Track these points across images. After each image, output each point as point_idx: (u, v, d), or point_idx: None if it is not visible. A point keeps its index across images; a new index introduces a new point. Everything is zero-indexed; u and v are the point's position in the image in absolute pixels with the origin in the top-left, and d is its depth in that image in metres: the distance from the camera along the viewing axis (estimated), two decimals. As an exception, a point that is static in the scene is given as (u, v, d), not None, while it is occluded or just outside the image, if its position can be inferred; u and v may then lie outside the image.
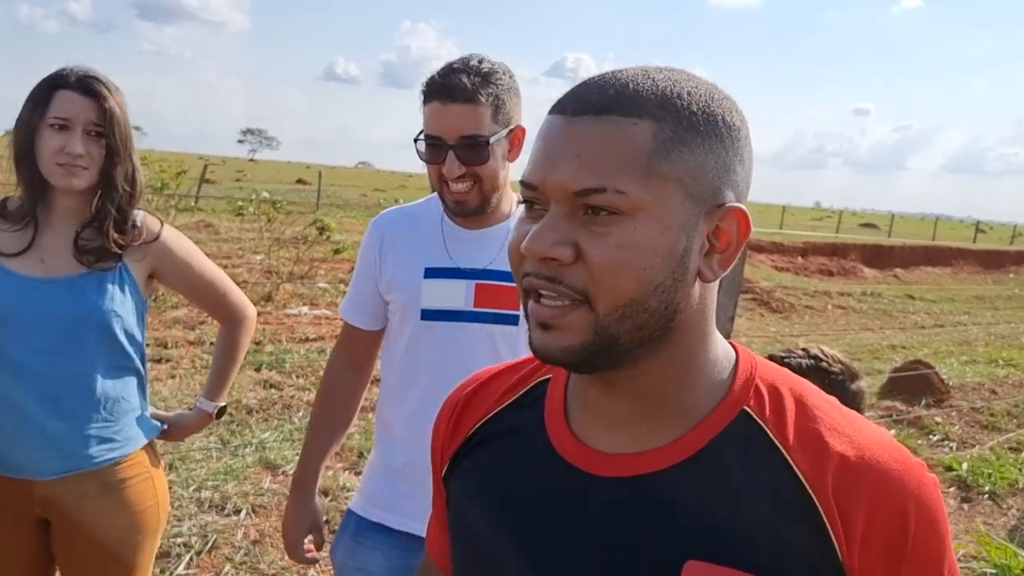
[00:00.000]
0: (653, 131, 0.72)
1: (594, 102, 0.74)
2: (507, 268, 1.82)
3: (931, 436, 6.24)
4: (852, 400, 1.74)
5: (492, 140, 1.62)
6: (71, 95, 1.70)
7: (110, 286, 1.77)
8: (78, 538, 1.81)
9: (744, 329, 10.23)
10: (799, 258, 20.27)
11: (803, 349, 1.84)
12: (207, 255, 2.04)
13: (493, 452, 0.90)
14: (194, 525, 3.65)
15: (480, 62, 1.63)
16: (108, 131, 1.73)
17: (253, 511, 3.89)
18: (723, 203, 0.76)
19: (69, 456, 1.76)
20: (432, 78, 1.63)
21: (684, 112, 0.74)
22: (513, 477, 0.86)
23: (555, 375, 0.91)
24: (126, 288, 1.81)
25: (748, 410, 0.79)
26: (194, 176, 21.90)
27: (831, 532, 0.73)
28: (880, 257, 22.48)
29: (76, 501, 1.79)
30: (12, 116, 1.78)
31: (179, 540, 3.51)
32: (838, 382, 1.74)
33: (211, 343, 6.93)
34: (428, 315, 1.73)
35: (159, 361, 6.34)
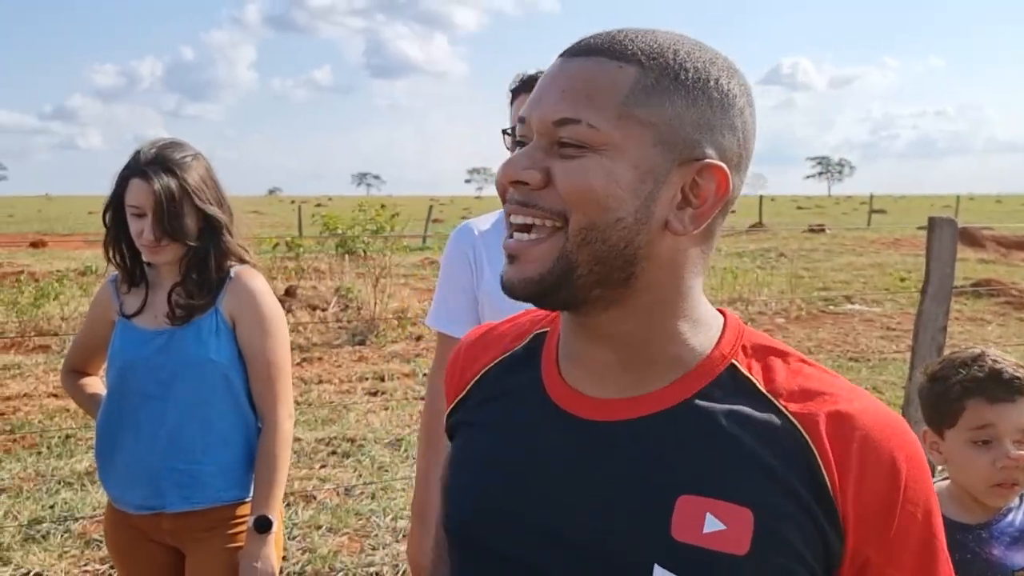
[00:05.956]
0: (636, 76, 0.75)
1: (587, 45, 0.78)
2: None
3: None
4: None
5: None
6: (139, 184, 1.81)
7: (206, 335, 1.88)
8: (201, 570, 1.92)
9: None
10: (1070, 253, 17.82)
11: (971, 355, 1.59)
12: (428, 290, 2.10)
13: (494, 399, 0.92)
14: (387, 555, 3.75)
15: None
16: (163, 212, 1.80)
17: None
18: (700, 157, 0.76)
19: (186, 493, 1.88)
20: (521, 75, 1.74)
21: (673, 65, 0.76)
22: (512, 422, 0.88)
23: (551, 328, 0.93)
24: (222, 336, 1.89)
25: (736, 363, 0.82)
26: (421, 217, 23.29)
27: (824, 472, 0.74)
28: None
29: (198, 535, 1.91)
30: (274, 181, 1.93)
31: (371, 569, 3.63)
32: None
33: (424, 374, 7.22)
34: None
35: (374, 394, 6.69)
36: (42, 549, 3.76)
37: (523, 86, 1.74)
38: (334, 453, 5.16)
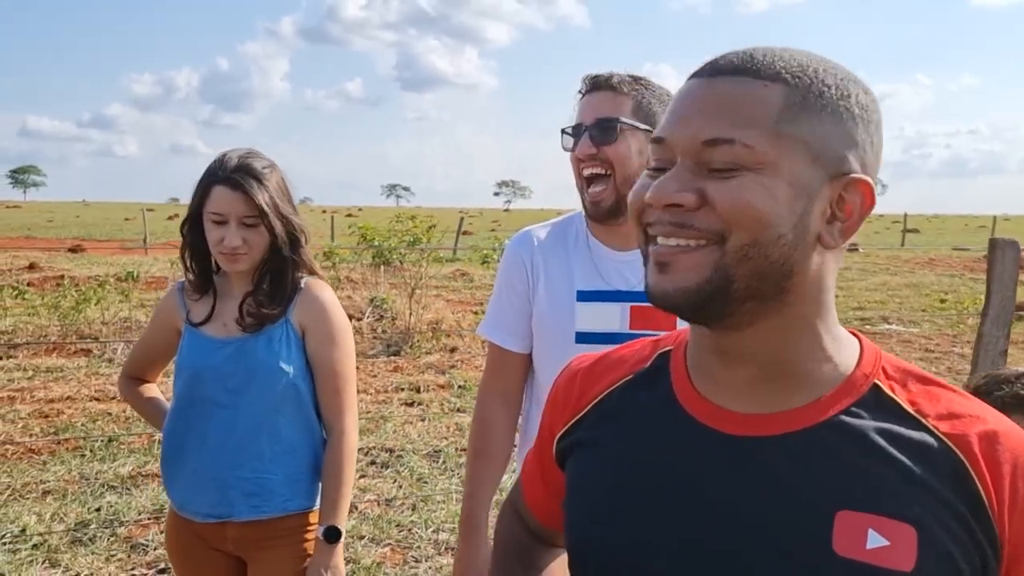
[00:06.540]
0: (784, 94, 0.76)
1: (730, 65, 0.78)
2: None
3: None
4: None
5: (624, 122, 1.64)
6: (223, 191, 1.82)
7: (276, 345, 1.89)
8: None
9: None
10: (1111, 276, 17.48)
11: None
12: (461, 302, 2.09)
13: (619, 417, 0.92)
14: (429, 567, 3.75)
15: (639, 76, 1.70)
16: (261, 220, 1.83)
17: (488, 554, 3.91)
18: (848, 172, 0.78)
19: (254, 503, 1.89)
20: (590, 77, 1.71)
21: (816, 82, 0.77)
22: (644, 438, 0.88)
23: (675, 348, 0.93)
24: (292, 345, 1.90)
25: (880, 384, 0.82)
26: (453, 229, 23.38)
27: (981, 490, 0.74)
28: None
29: (263, 544, 1.92)
30: (305, 191, 1.96)
31: (415, 581, 3.61)
32: None
33: (459, 386, 7.23)
34: (583, 338, 1.70)
35: (411, 405, 6.70)
36: (89, 552, 3.80)
37: (592, 87, 1.71)
38: (373, 463, 5.17)
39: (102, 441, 5.39)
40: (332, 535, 1.85)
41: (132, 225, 39.45)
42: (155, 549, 3.83)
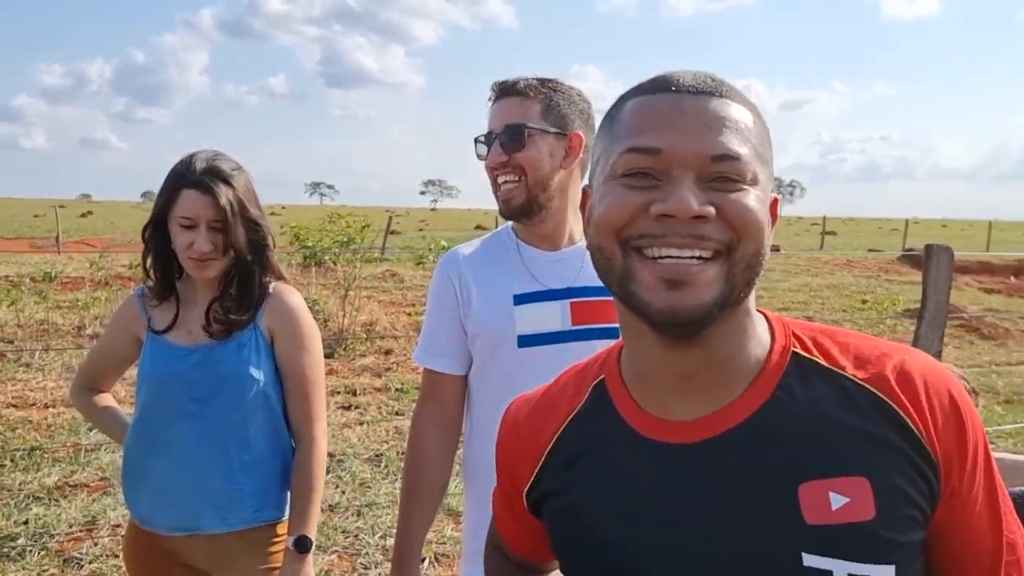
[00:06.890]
0: (754, 119, 0.84)
1: (703, 85, 0.82)
2: (592, 283, 1.78)
3: None
4: None
5: (532, 127, 1.65)
6: (192, 195, 1.75)
7: (246, 351, 1.84)
8: None
9: (953, 358, 9.33)
10: (1011, 278, 18.39)
11: None
12: (393, 303, 2.04)
13: (581, 457, 0.93)
14: (379, 574, 3.70)
15: (547, 78, 1.71)
16: (227, 224, 1.77)
17: (436, 560, 3.89)
18: (773, 191, 0.87)
19: (223, 514, 1.83)
20: (501, 83, 1.71)
21: (758, 109, 0.86)
22: (611, 472, 0.89)
23: (607, 373, 0.95)
24: (261, 352, 1.86)
25: (796, 350, 0.87)
26: (381, 228, 23.16)
27: (908, 421, 0.81)
28: (1113, 272, 19.89)
29: (232, 556, 1.86)
30: None
31: (365, 588, 3.56)
32: None
33: (396, 389, 7.16)
34: (526, 341, 1.69)
35: (348, 408, 6.60)
36: (20, 567, 3.62)
37: (500, 93, 1.71)
38: (313, 469, 5.07)
39: (24, 450, 5.16)
40: (303, 545, 1.81)
41: (42, 222, 37.86)
42: (90, 563, 3.68)
